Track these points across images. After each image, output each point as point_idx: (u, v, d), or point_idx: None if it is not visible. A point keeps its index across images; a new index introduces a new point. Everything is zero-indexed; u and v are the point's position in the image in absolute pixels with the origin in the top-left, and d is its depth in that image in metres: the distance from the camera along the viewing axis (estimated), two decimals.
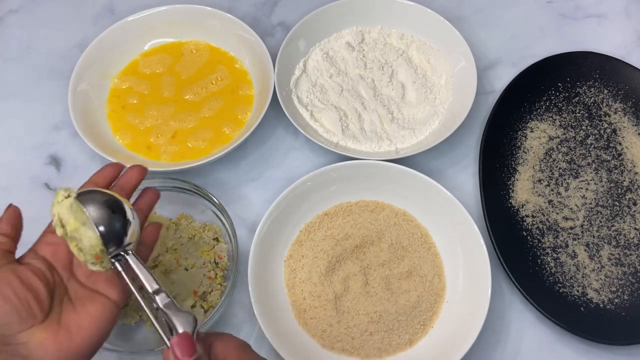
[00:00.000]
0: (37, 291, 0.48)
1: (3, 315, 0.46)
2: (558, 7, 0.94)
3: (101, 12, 0.92)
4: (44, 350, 0.47)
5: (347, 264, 0.70)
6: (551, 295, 0.68)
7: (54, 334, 0.47)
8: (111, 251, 0.50)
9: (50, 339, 0.47)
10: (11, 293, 0.47)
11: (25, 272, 0.49)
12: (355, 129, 0.79)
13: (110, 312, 0.50)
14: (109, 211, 0.50)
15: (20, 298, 0.47)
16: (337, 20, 0.86)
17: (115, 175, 0.57)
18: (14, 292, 0.47)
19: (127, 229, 0.51)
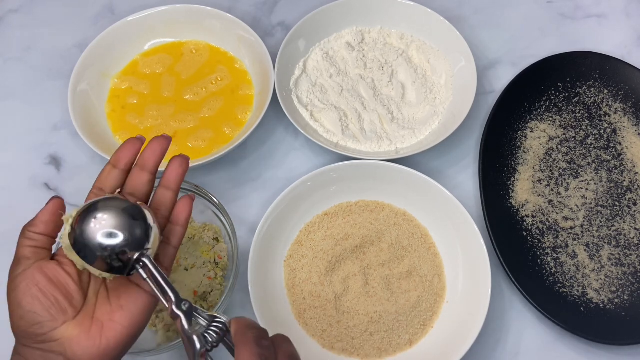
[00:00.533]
0: (65, 288, 0.47)
1: (32, 314, 0.46)
2: (558, 7, 0.94)
3: (101, 12, 0.92)
4: (79, 346, 0.46)
5: (347, 264, 0.70)
6: (551, 295, 0.68)
7: (87, 329, 0.47)
8: (132, 257, 0.48)
9: (84, 334, 0.46)
10: (38, 292, 0.46)
11: (54, 269, 0.48)
12: (355, 129, 0.79)
13: (144, 305, 0.49)
14: (128, 219, 0.48)
15: (48, 296, 0.46)
16: (337, 20, 0.86)
17: (137, 150, 0.53)
18: (41, 291, 0.46)
19: (150, 235, 0.48)
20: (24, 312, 0.46)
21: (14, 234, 0.74)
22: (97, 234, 0.46)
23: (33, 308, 0.46)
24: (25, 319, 0.46)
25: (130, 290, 0.49)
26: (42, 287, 0.46)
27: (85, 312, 0.47)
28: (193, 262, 0.67)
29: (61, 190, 0.77)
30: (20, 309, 0.46)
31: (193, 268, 0.67)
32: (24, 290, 0.46)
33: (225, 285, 0.67)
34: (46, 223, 0.49)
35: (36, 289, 0.46)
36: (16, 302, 0.46)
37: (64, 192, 0.77)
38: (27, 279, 0.46)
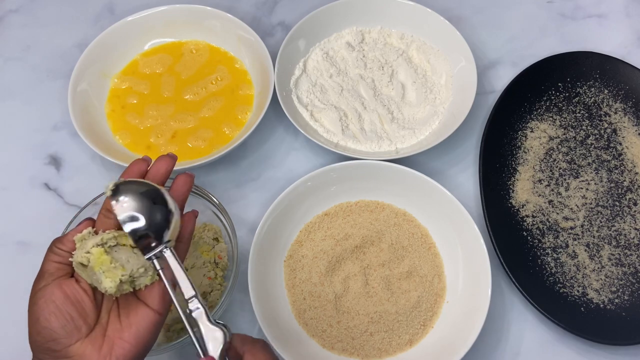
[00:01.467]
0: (82, 305, 0.48)
1: (49, 331, 0.46)
2: (558, 7, 0.94)
3: (101, 12, 0.92)
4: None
5: (347, 264, 0.70)
6: (551, 295, 0.68)
7: (99, 347, 0.47)
8: (151, 246, 0.48)
9: (95, 352, 0.47)
10: (56, 309, 0.47)
11: (72, 286, 0.48)
12: (355, 129, 0.79)
13: (150, 323, 0.49)
14: (149, 203, 0.47)
15: (64, 313, 0.47)
16: (337, 20, 0.85)
17: (144, 169, 0.53)
18: (58, 308, 0.47)
19: (170, 222, 0.48)
20: (41, 328, 0.46)
21: (14, 233, 0.75)
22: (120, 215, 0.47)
23: (50, 325, 0.46)
24: (42, 334, 0.46)
25: (139, 309, 0.49)
26: (59, 304, 0.47)
27: (98, 330, 0.48)
28: (193, 262, 0.67)
29: (61, 190, 0.77)
30: (38, 324, 0.47)
31: (193, 268, 0.67)
32: (42, 306, 0.47)
33: (225, 285, 0.67)
34: (74, 242, 0.50)
35: (54, 305, 0.47)
36: (35, 317, 0.47)
37: (63, 192, 0.77)
38: (45, 295, 0.47)
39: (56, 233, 0.66)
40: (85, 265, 0.48)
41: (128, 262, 0.48)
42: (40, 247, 0.71)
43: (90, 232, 0.49)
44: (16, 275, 0.72)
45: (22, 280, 0.71)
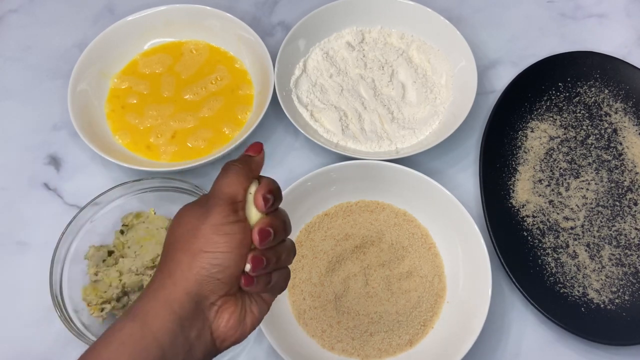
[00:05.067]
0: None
1: (223, 270, 0.42)
2: (558, 7, 0.93)
3: (101, 12, 0.92)
4: (228, 322, 0.43)
5: (347, 264, 0.70)
6: (552, 295, 0.68)
7: (239, 309, 0.44)
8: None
9: (237, 311, 0.43)
10: (240, 248, 0.42)
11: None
12: (355, 128, 0.79)
13: (264, 313, 0.46)
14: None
15: (243, 257, 0.43)
16: (337, 20, 0.85)
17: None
18: (242, 247, 0.42)
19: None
20: (217, 259, 0.42)
21: (14, 233, 0.75)
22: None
23: (226, 264, 0.42)
24: (213, 264, 0.42)
25: (255, 295, 0.46)
26: (245, 244, 0.43)
27: (239, 293, 0.44)
28: None
29: (61, 190, 0.77)
30: (217, 256, 0.42)
31: None
32: (233, 238, 0.42)
33: None
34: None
35: (241, 243, 0.43)
36: (221, 244, 0.42)
37: (63, 192, 0.77)
38: (241, 230, 0.43)
39: (56, 233, 0.67)
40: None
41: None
42: (40, 247, 0.72)
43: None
44: (16, 275, 0.72)
45: (22, 280, 0.72)
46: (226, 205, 0.42)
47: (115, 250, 0.68)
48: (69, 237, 0.67)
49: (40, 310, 0.69)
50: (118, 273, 0.65)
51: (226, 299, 0.43)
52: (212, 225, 0.42)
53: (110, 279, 0.65)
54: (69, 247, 0.67)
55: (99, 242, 0.69)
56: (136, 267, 0.65)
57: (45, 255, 0.66)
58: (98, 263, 0.67)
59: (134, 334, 0.40)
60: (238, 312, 0.44)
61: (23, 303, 0.70)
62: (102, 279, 0.66)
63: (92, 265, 0.67)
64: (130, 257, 0.66)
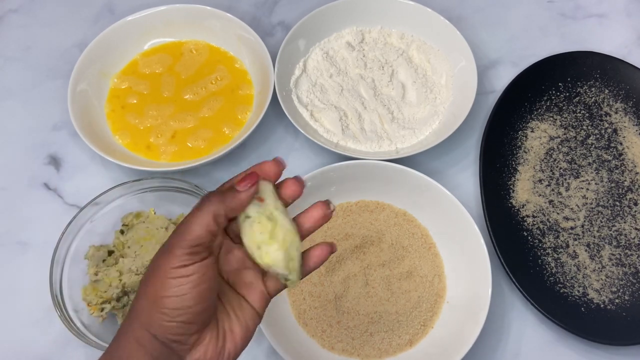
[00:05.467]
0: (217, 289, 0.43)
1: (188, 314, 0.41)
2: (559, 7, 0.93)
3: (101, 12, 0.92)
4: (206, 355, 0.42)
5: (347, 264, 0.70)
6: (552, 295, 0.68)
7: (215, 336, 0.43)
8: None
9: (213, 341, 0.42)
10: (206, 290, 0.41)
11: (215, 267, 0.43)
12: (355, 128, 0.79)
13: (255, 322, 0.44)
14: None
15: (211, 298, 0.42)
16: (337, 20, 0.85)
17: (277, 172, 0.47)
18: (209, 289, 0.41)
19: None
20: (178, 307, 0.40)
21: (14, 233, 0.75)
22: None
23: (191, 306, 0.41)
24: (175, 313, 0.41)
25: (242, 304, 0.45)
26: (210, 286, 0.42)
27: (213, 321, 0.43)
28: None
29: (61, 190, 0.77)
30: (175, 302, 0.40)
31: None
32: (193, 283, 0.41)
33: None
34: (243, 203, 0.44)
35: (206, 287, 0.41)
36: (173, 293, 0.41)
37: (63, 192, 0.77)
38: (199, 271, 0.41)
39: (56, 233, 0.67)
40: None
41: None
42: (40, 247, 0.72)
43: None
44: (16, 275, 0.72)
45: (22, 280, 0.72)
46: (185, 248, 0.40)
47: (115, 250, 0.68)
48: (69, 237, 0.67)
49: (40, 310, 0.69)
50: (118, 273, 0.65)
51: (198, 334, 0.42)
52: (168, 269, 0.40)
53: (110, 279, 0.65)
54: (69, 247, 0.67)
55: (99, 242, 0.69)
56: (136, 267, 0.65)
57: (45, 255, 0.66)
58: (98, 263, 0.67)
59: None
60: (214, 341, 0.42)
61: (23, 303, 0.70)
62: (102, 279, 0.66)
63: (92, 265, 0.67)
64: (130, 257, 0.66)
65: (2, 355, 0.68)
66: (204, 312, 0.41)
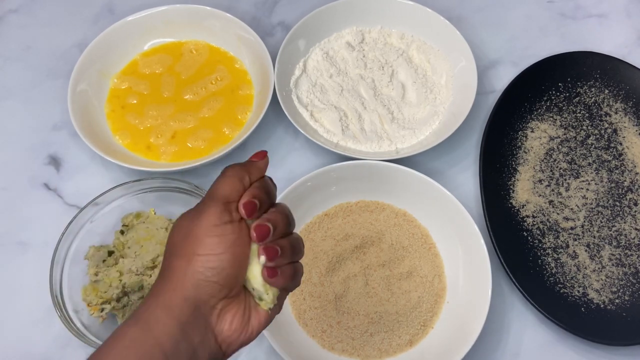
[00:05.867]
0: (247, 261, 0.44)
1: (221, 273, 0.41)
2: (559, 7, 0.93)
3: (101, 12, 0.92)
4: (232, 325, 0.43)
5: (347, 264, 0.70)
6: (552, 295, 0.68)
7: (242, 309, 0.43)
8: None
9: (239, 315, 0.43)
10: (239, 252, 0.42)
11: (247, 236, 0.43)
12: (355, 129, 0.79)
13: (280, 304, 0.46)
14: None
15: (241, 259, 0.43)
16: (337, 20, 0.85)
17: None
18: (241, 251, 0.42)
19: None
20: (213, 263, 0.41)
21: (14, 233, 0.75)
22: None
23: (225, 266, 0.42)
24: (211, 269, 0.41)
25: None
26: (242, 248, 0.43)
27: (242, 293, 0.44)
28: None
29: (61, 191, 0.77)
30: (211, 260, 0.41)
31: None
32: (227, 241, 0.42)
33: None
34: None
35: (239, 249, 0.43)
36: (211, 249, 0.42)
37: (63, 192, 0.77)
38: (234, 232, 0.42)
39: (56, 233, 0.67)
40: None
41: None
42: (40, 247, 0.72)
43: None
44: (16, 275, 0.72)
45: (22, 280, 0.72)
46: (218, 206, 0.42)
47: (116, 251, 0.68)
48: (69, 237, 0.67)
49: (40, 310, 0.69)
50: (118, 273, 0.65)
51: (227, 301, 0.43)
52: (205, 227, 0.41)
53: (110, 279, 0.65)
54: (69, 247, 0.67)
55: (99, 242, 0.69)
56: (136, 267, 0.65)
57: (45, 255, 0.66)
58: (98, 263, 0.67)
59: (137, 339, 0.40)
60: (241, 313, 0.43)
61: (23, 303, 0.70)
62: (102, 279, 0.66)
63: (92, 266, 0.67)
64: (130, 257, 0.66)
65: (2, 355, 0.68)
66: (236, 278, 0.42)
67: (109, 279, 0.65)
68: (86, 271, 0.67)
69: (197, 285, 0.41)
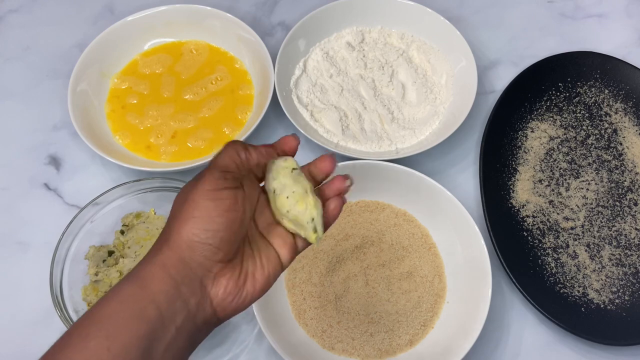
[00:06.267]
0: (244, 224, 0.45)
1: (213, 235, 0.42)
2: (558, 7, 0.93)
3: (101, 12, 0.92)
4: (225, 287, 0.43)
5: (348, 264, 0.70)
6: (552, 295, 0.68)
7: (237, 275, 0.44)
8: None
9: (233, 279, 0.44)
10: (233, 216, 0.43)
11: (245, 201, 0.44)
12: (355, 129, 0.79)
13: (277, 273, 0.46)
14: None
15: (235, 226, 0.43)
16: (337, 20, 0.85)
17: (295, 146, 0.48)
18: (236, 216, 0.43)
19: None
20: (205, 229, 0.42)
21: (14, 233, 0.75)
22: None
23: (218, 230, 0.42)
24: (201, 235, 0.42)
25: (270, 253, 0.46)
26: (238, 214, 0.44)
27: (238, 258, 0.45)
28: None
29: (61, 191, 0.77)
30: (203, 223, 0.42)
31: None
32: (215, 205, 0.43)
33: None
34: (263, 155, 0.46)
35: (234, 213, 0.43)
36: (204, 213, 0.43)
37: (63, 192, 0.77)
38: (223, 197, 0.43)
39: (56, 233, 0.67)
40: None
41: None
42: (40, 247, 0.72)
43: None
44: (16, 275, 0.72)
45: (22, 280, 0.72)
46: (215, 174, 0.43)
47: (116, 250, 0.68)
48: (69, 237, 0.67)
49: (40, 310, 0.69)
50: (118, 273, 0.65)
51: (223, 265, 0.43)
52: (201, 191, 0.42)
53: (111, 279, 0.65)
54: (69, 247, 0.67)
55: (99, 242, 0.69)
56: None
57: (45, 255, 0.66)
58: (98, 263, 0.67)
59: (133, 294, 0.41)
60: (236, 277, 0.44)
61: (23, 303, 0.70)
62: (102, 279, 0.66)
63: (92, 265, 0.67)
64: (130, 257, 0.66)
65: (2, 355, 0.68)
66: (231, 242, 0.43)
67: (109, 278, 0.65)
68: (86, 271, 0.67)
69: (191, 246, 0.42)
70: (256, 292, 0.45)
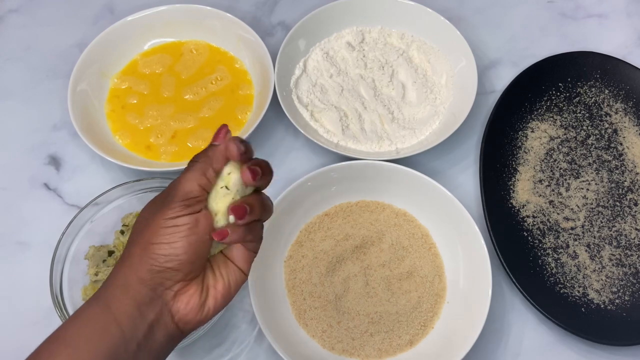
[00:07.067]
0: (207, 245, 0.46)
1: (173, 260, 0.43)
2: (559, 7, 0.93)
3: (100, 12, 0.92)
4: (187, 304, 0.45)
5: (348, 264, 0.70)
6: (552, 295, 0.68)
7: (200, 291, 0.45)
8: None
9: (197, 295, 0.45)
10: (195, 241, 0.44)
11: (208, 223, 0.45)
12: (355, 129, 0.79)
13: (239, 280, 0.48)
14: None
15: (198, 249, 0.44)
16: (337, 20, 0.85)
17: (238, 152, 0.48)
18: (198, 240, 0.44)
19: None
20: (165, 254, 0.43)
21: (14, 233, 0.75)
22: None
23: (178, 254, 0.44)
24: (160, 260, 0.43)
25: (228, 264, 0.48)
26: (199, 238, 0.45)
27: (200, 275, 0.46)
28: None
29: (61, 191, 0.77)
30: (163, 249, 0.43)
31: None
32: (177, 232, 0.44)
33: None
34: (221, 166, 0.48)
35: (194, 237, 0.44)
36: (163, 240, 0.44)
37: (63, 192, 0.77)
38: (185, 222, 0.44)
39: (56, 233, 0.67)
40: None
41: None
42: (40, 247, 0.72)
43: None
44: (16, 275, 0.72)
45: (22, 280, 0.72)
46: (178, 201, 0.44)
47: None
48: (69, 237, 0.67)
49: (40, 310, 0.69)
50: None
51: (184, 283, 0.45)
52: (161, 220, 0.44)
53: None
54: (69, 247, 0.67)
55: (99, 242, 0.69)
56: None
57: (45, 255, 0.66)
58: (98, 263, 0.67)
59: (97, 315, 0.43)
60: (198, 294, 0.45)
61: (23, 303, 0.70)
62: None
63: (92, 266, 0.67)
64: None
65: (2, 355, 0.68)
66: (192, 263, 0.44)
67: None
68: (86, 271, 0.67)
69: (151, 270, 0.43)
70: (218, 303, 0.46)
